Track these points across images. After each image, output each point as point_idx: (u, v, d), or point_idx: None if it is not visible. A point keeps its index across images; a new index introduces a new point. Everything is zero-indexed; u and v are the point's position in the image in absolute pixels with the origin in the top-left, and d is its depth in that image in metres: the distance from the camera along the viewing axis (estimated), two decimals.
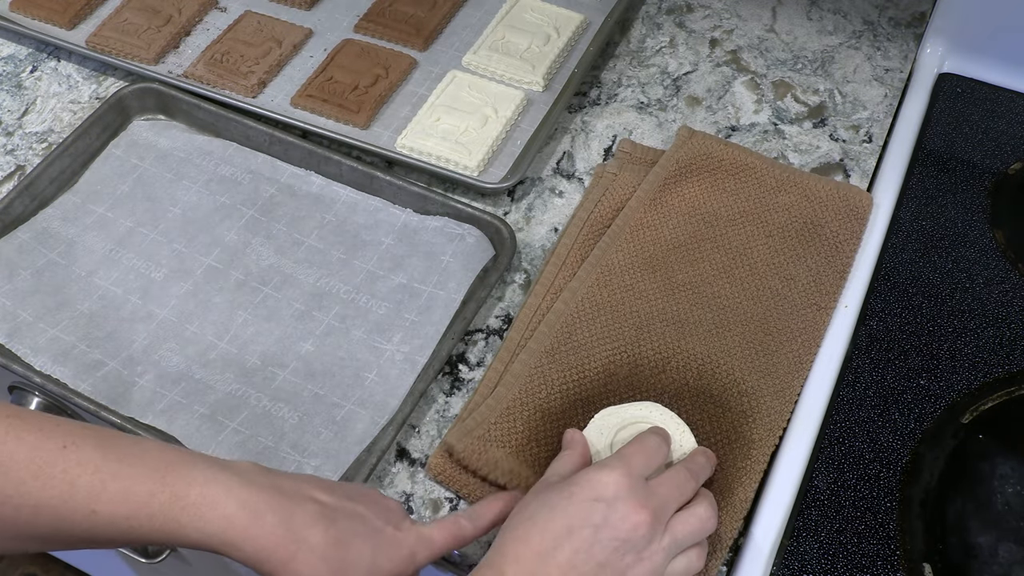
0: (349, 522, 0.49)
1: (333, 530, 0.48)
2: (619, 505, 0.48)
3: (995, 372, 0.64)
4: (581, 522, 0.48)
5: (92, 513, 0.46)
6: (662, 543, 0.50)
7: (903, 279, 0.70)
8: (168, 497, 0.46)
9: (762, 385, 0.63)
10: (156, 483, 0.47)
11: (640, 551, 0.49)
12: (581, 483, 0.50)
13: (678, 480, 0.52)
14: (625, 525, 0.48)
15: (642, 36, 0.87)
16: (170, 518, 0.46)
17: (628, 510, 0.48)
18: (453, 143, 0.75)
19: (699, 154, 0.74)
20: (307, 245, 0.71)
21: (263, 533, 0.47)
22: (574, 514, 0.48)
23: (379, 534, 0.50)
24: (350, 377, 0.64)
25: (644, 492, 0.50)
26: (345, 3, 0.88)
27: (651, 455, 0.52)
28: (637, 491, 0.49)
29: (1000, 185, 0.75)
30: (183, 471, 0.47)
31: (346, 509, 0.50)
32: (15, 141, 0.79)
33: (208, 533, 0.46)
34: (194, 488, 0.47)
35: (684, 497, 0.52)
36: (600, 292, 0.67)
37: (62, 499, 0.46)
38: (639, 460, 0.51)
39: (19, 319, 0.66)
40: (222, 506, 0.47)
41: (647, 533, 0.49)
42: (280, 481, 0.49)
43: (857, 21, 0.87)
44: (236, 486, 0.47)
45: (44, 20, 0.86)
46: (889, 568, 0.57)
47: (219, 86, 0.80)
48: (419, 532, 0.51)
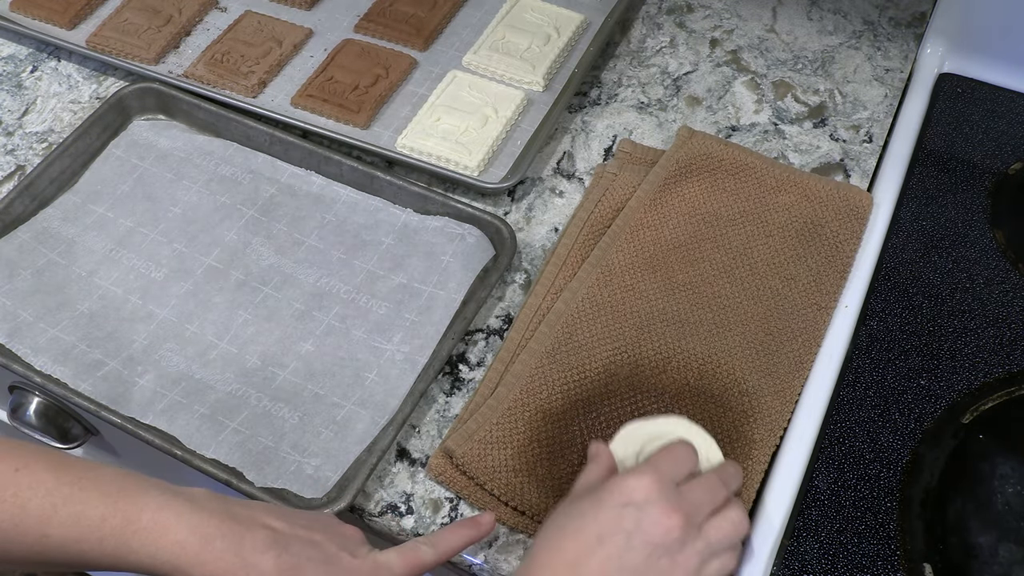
0: (303, 548, 0.49)
1: (286, 556, 0.48)
2: (650, 509, 0.48)
3: (995, 372, 0.64)
4: (612, 529, 0.47)
5: (43, 536, 0.46)
6: (696, 546, 0.49)
7: (903, 279, 0.70)
8: (120, 522, 0.46)
9: (762, 385, 0.63)
10: (108, 508, 0.47)
11: (675, 554, 0.48)
12: (611, 489, 0.49)
13: (709, 485, 0.52)
14: (658, 529, 0.48)
15: (642, 36, 0.87)
16: (121, 543, 0.46)
17: (660, 514, 0.48)
18: (453, 143, 0.75)
19: (699, 154, 0.74)
20: (307, 245, 0.71)
21: (212, 559, 0.46)
22: (604, 521, 0.48)
23: (334, 561, 0.49)
24: (350, 377, 0.64)
25: (675, 496, 0.49)
26: (345, 3, 0.88)
27: (680, 462, 0.52)
28: (668, 495, 0.49)
29: (1000, 185, 0.75)
30: (135, 496, 0.47)
31: (300, 536, 0.49)
32: (15, 141, 0.79)
33: (160, 559, 0.46)
34: (146, 513, 0.47)
35: (716, 502, 0.51)
36: (600, 292, 0.67)
37: (12, 522, 0.46)
38: (668, 466, 0.51)
39: (19, 319, 0.66)
40: (173, 531, 0.47)
41: (681, 536, 0.48)
42: (233, 508, 0.49)
43: (857, 21, 0.87)
44: (187, 512, 0.47)
45: (44, 20, 0.86)
46: (889, 568, 0.57)
47: (219, 86, 0.80)
48: (376, 559, 0.51)
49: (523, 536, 0.59)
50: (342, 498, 0.58)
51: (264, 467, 0.60)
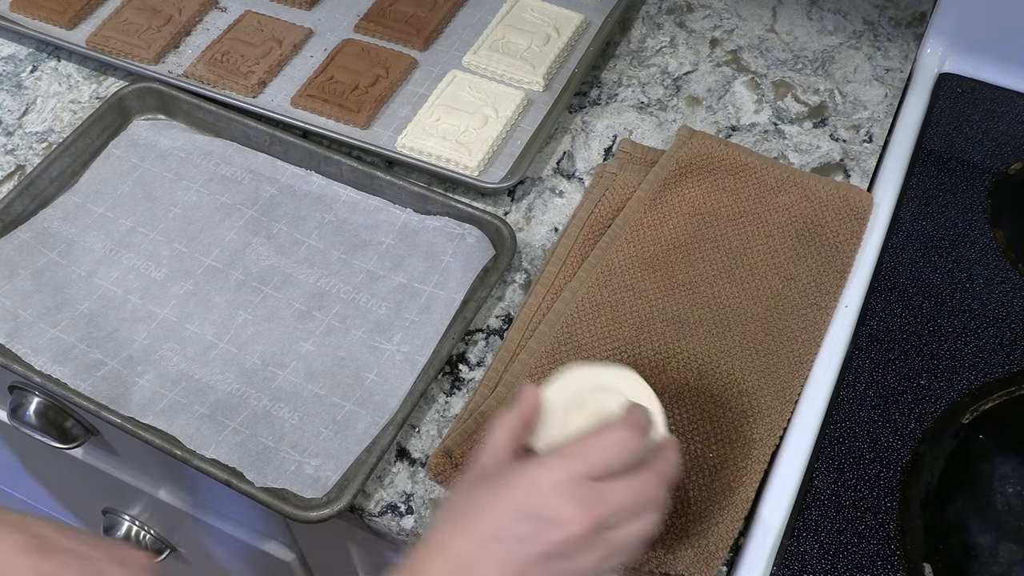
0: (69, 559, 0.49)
1: (46, 564, 0.48)
2: (551, 516, 0.45)
3: (995, 372, 0.64)
4: (507, 531, 0.45)
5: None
6: (598, 551, 0.46)
7: (903, 279, 0.70)
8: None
9: (762, 385, 0.63)
10: None
11: (573, 559, 0.45)
12: (515, 484, 0.46)
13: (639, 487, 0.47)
14: (555, 537, 0.44)
15: (642, 36, 0.87)
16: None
17: (565, 519, 0.44)
18: (453, 143, 0.75)
19: (699, 154, 0.74)
20: (307, 245, 0.71)
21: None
22: (501, 522, 0.45)
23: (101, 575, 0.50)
24: (350, 377, 0.64)
25: (588, 497, 0.45)
26: (345, 3, 0.88)
27: (611, 454, 0.47)
28: (578, 497, 0.45)
29: (1000, 185, 0.75)
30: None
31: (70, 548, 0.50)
32: (15, 141, 0.79)
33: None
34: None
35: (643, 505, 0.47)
36: (600, 292, 0.67)
37: None
38: (592, 457, 0.46)
39: (19, 319, 0.66)
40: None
41: (580, 544, 0.45)
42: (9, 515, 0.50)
43: (857, 21, 0.87)
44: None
45: (44, 20, 0.86)
46: (889, 568, 0.57)
47: (219, 86, 0.80)
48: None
49: None
50: (342, 498, 0.58)
51: (264, 467, 0.60)
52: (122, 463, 0.87)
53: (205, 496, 0.84)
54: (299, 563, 0.85)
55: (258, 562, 0.88)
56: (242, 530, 0.85)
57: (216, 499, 0.83)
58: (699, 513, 0.58)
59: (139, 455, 0.82)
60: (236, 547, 0.88)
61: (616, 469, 0.47)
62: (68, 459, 0.90)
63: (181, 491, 0.86)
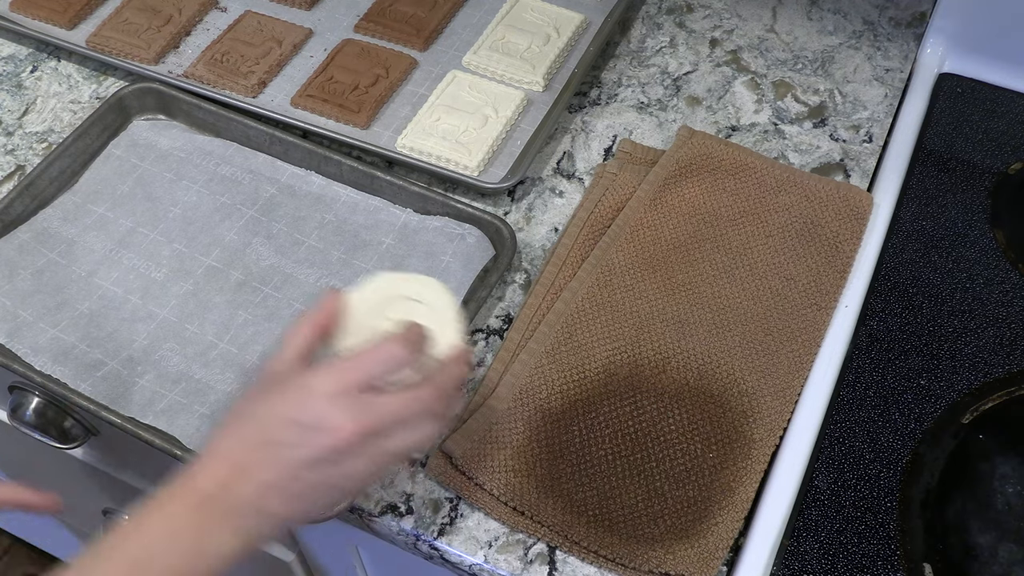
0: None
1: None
2: (319, 423, 0.47)
3: (995, 372, 0.64)
4: (280, 437, 0.47)
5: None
6: (372, 459, 0.48)
7: (903, 279, 0.70)
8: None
9: (762, 385, 0.63)
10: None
11: (344, 465, 0.47)
12: (289, 393, 0.48)
13: (415, 399, 0.49)
14: (323, 443, 0.47)
15: (642, 36, 0.87)
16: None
17: (333, 427, 0.47)
18: (453, 143, 0.75)
19: (699, 154, 0.74)
20: (307, 245, 0.71)
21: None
22: (275, 428, 0.47)
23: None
24: None
25: (356, 408, 0.47)
26: (345, 3, 0.88)
27: (381, 365, 0.49)
28: (346, 407, 0.47)
29: (1000, 185, 0.75)
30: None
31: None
32: (15, 141, 0.79)
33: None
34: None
35: (415, 416, 0.49)
36: (600, 292, 0.67)
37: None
38: (363, 370, 0.48)
39: (19, 319, 0.66)
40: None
41: (348, 451, 0.47)
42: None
43: (857, 21, 0.87)
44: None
45: (44, 20, 0.86)
46: (889, 568, 0.57)
47: (219, 86, 0.80)
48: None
49: (523, 536, 0.59)
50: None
51: None
52: (122, 463, 0.87)
53: None
54: (299, 563, 0.85)
55: (258, 562, 0.88)
56: None
57: None
58: (699, 513, 0.58)
59: (139, 455, 0.82)
60: None
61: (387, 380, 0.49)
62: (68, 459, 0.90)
63: None
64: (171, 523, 0.46)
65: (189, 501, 0.46)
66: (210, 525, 0.46)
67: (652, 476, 0.59)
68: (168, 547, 0.45)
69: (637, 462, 0.60)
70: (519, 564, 0.58)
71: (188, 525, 0.46)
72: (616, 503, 0.58)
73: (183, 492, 0.47)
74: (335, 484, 0.48)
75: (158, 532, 0.46)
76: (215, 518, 0.46)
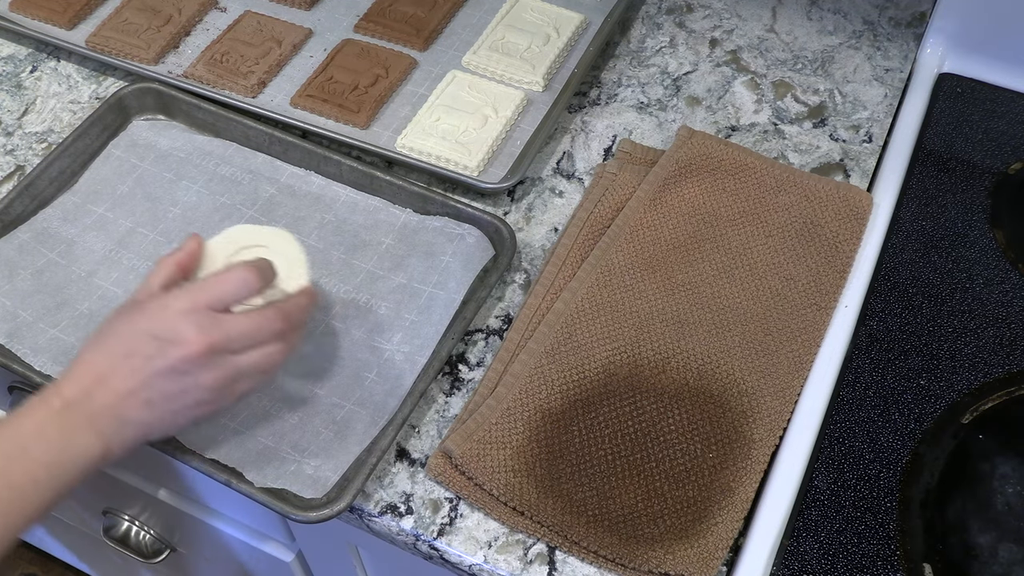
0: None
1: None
2: (176, 335, 0.52)
3: (995, 372, 0.64)
4: (138, 349, 0.52)
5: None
6: (223, 371, 0.54)
7: (903, 279, 0.70)
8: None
9: (762, 385, 0.63)
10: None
11: (196, 376, 0.53)
12: (147, 311, 0.54)
13: (259, 319, 0.55)
14: (178, 354, 0.52)
15: (642, 36, 0.87)
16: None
17: (184, 340, 0.52)
18: (453, 143, 0.75)
19: (699, 154, 0.74)
20: (307, 245, 0.71)
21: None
22: (134, 340, 0.53)
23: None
24: (350, 377, 0.64)
25: (206, 323, 0.53)
26: (345, 3, 0.88)
27: (231, 288, 0.55)
28: (197, 323, 0.53)
29: (1000, 185, 0.75)
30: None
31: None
32: (15, 141, 0.79)
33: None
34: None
35: (260, 336, 0.55)
36: (600, 292, 0.67)
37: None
38: (214, 291, 0.54)
39: (19, 319, 0.66)
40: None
41: (201, 361, 0.53)
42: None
43: (857, 21, 0.87)
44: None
45: (44, 20, 0.86)
46: (889, 568, 0.57)
47: (219, 86, 0.80)
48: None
49: (523, 536, 0.59)
50: (342, 498, 0.58)
51: (264, 467, 0.60)
52: (122, 463, 0.87)
53: (205, 496, 0.84)
54: (299, 563, 0.85)
55: (258, 562, 0.88)
56: (242, 530, 0.85)
57: (216, 499, 0.83)
58: (699, 513, 0.58)
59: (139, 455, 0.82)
60: (236, 547, 0.88)
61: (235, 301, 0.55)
62: None
63: (181, 491, 0.86)
64: (38, 424, 0.51)
65: (54, 405, 0.52)
66: (73, 426, 0.51)
67: (652, 476, 0.59)
68: (36, 443, 0.50)
69: (637, 462, 0.60)
70: (519, 564, 0.58)
71: (54, 425, 0.51)
72: (616, 503, 0.58)
73: (50, 398, 0.52)
74: (188, 394, 0.53)
75: (27, 430, 0.51)
76: (78, 421, 0.51)
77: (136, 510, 0.94)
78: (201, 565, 1.01)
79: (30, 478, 0.50)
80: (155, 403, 0.53)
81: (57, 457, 0.51)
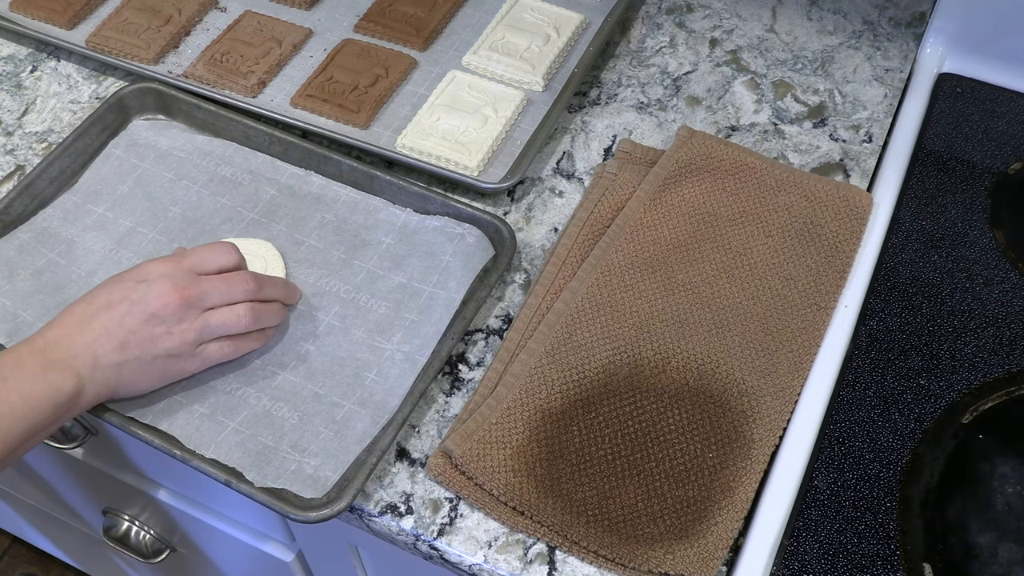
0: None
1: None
2: (156, 285, 0.59)
3: (995, 372, 0.64)
4: (120, 298, 0.58)
5: None
6: (193, 324, 0.59)
7: (903, 279, 0.70)
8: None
9: (762, 385, 0.63)
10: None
11: (170, 325, 0.59)
12: (134, 269, 0.61)
13: (233, 280, 0.61)
14: (157, 302, 0.58)
15: (642, 36, 0.87)
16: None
17: (163, 290, 0.58)
18: (453, 143, 0.75)
19: (699, 154, 0.74)
20: (307, 245, 0.71)
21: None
22: (117, 291, 0.59)
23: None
24: (350, 377, 0.64)
25: (186, 280, 0.60)
26: (345, 3, 0.88)
27: (211, 256, 0.62)
28: (178, 278, 0.59)
29: (1000, 185, 0.75)
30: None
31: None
32: (15, 141, 0.79)
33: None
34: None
35: (233, 295, 0.61)
36: (600, 292, 0.67)
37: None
38: (196, 257, 0.62)
39: (19, 319, 0.66)
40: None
41: (178, 312, 0.59)
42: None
43: (857, 21, 0.87)
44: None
45: (44, 20, 0.86)
46: (889, 568, 0.57)
47: (219, 86, 0.80)
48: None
49: (523, 536, 0.59)
50: (342, 498, 0.58)
51: (264, 467, 0.60)
52: (122, 463, 0.87)
53: (205, 496, 0.84)
54: (299, 563, 0.85)
55: (258, 562, 0.88)
56: (242, 530, 0.85)
57: (216, 499, 0.83)
58: (699, 513, 0.58)
59: (139, 455, 0.82)
60: (236, 547, 0.88)
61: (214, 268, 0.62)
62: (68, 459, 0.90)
63: (181, 491, 0.86)
64: (19, 357, 0.56)
65: (36, 345, 0.56)
66: (50, 362, 0.56)
67: (652, 476, 0.59)
68: (14, 373, 0.55)
69: (637, 462, 0.60)
70: (519, 564, 0.58)
71: (33, 360, 0.56)
72: (616, 503, 0.58)
73: (34, 339, 0.57)
74: (161, 341, 0.58)
75: (8, 362, 0.55)
76: (56, 357, 0.56)
77: (136, 510, 0.94)
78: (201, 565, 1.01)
79: (7, 405, 0.53)
80: (129, 346, 0.57)
81: (32, 387, 0.54)
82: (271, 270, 0.68)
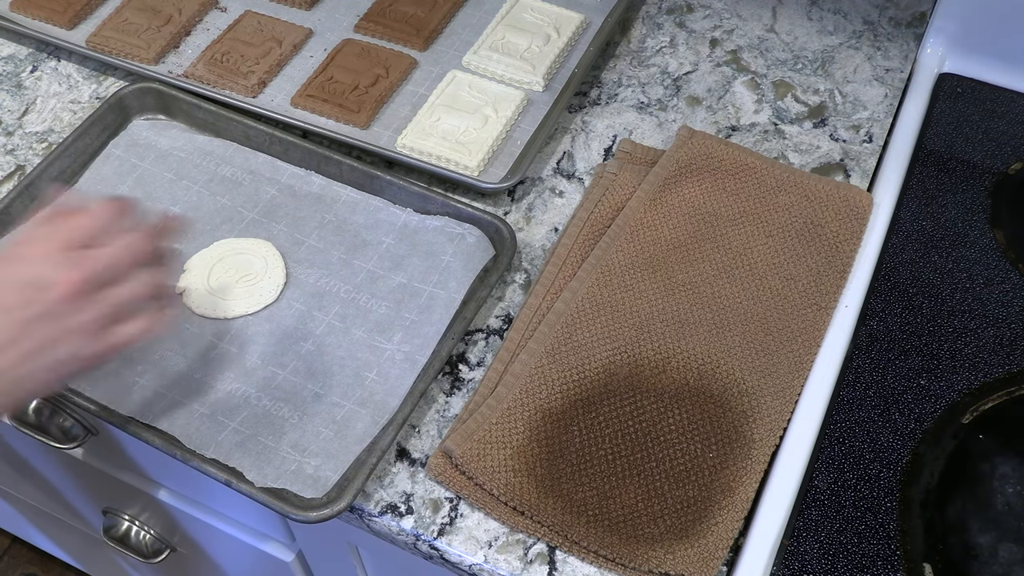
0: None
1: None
2: (42, 282, 0.50)
3: (995, 372, 0.64)
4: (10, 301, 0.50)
5: None
6: (96, 308, 0.51)
7: (903, 279, 0.70)
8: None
9: (762, 385, 0.63)
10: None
11: (71, 314, 0.50)
12: (8, 261, 0.51)
13: (126, 241, 0.52)
14: (49, 298, 0.50)
15: (642, 36, 0.87)
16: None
17: (52, 284, 0.50)
18: (453, 143, 0.75)
19: (699, 154, 0.74)
20: (307, 245, 0.71)
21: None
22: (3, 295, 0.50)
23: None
24: (350, 377, 0.64)
25: (73, 261, 0.51)
26: (345, 3, 0.88)
27: (87, 220, 0.52)
28: (62, 262, 0.50)
29: (1000, 185, 0.75)
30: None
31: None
32: (15, 141, 0.79)
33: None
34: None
35: (132, 258, 0.52)
36: (600, 292, 0.67)
37: None
38: (76, 228, 0.52)
39: None
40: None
41: (75, 302, 0.50)
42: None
43: (857, 21, 0.87)
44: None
45: (44, 20, 0.86)
46: (889, 568, 0.57)
47: (219, 86, 0.80)
48: None
49: (523, 536, 0.59)
50: (342, 498, 0.58)
51: (264, 467, 0.60)
52: (122, 463, 0.87)
53: (205, 496, 0.84)
54: (299, 563, 0.85)
55: (258, 562, 0.88)
56: (242, 530, 0.85)
57: (216, 499, 0.83)
58: (699, 513, 0.58)
59: (139, 455, 0.82)
60: (236, 547, 0.88)
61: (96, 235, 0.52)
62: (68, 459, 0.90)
63: (181, 491, 0.86)
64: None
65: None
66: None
67: (652, 476, 0.59)
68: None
69: (637, 462, 0.60)
70: (519, 564, 0.58)
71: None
72: (616, 503, 0.58)
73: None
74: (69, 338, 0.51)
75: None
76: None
77: (136, 510, 0.94)
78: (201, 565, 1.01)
79: None
80: (33, 352, 0.50)
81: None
82: (271, 270, 0.68)
